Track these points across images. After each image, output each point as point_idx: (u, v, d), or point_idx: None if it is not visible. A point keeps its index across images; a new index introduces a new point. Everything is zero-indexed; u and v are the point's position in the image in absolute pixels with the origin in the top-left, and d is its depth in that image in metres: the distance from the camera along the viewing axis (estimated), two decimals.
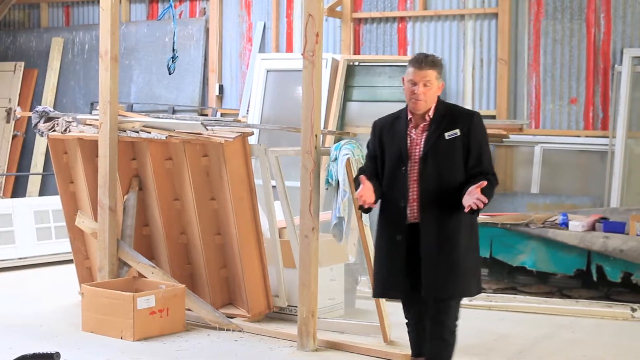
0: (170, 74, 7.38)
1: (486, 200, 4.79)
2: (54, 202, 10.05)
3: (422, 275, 5.07)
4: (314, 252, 6.55)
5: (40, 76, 13.87)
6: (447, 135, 5.04)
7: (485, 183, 4.79)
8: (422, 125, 5.13)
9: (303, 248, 6.59)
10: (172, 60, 7.22)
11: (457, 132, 5.03)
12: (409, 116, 5.17)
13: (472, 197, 4.80)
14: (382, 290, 5.36)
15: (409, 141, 5.12)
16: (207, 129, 7.28)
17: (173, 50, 7.23)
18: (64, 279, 9.14)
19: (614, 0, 10.10)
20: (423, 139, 5.09)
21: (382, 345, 6.69)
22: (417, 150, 5.09)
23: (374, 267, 5.42)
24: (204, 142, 7.26)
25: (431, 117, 5.11)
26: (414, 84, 5.07)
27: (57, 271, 9.87)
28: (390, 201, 5.17)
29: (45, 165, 13.34)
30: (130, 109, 12.51)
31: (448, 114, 5.12)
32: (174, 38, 7.28)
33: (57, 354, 5.64)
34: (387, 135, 5.22)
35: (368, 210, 5.23)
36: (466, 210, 4.82)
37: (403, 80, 5.18)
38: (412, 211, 5.09)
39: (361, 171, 5.32)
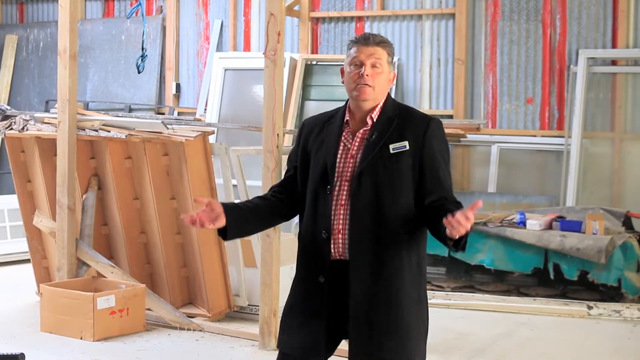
0: (139, 72, 7.33)
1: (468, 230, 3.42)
2: (9, 202, 9.94)
3: (350, 333, 3.72)
4: (275, 251, 6.55)
5: None
6: (392, 147, 3.68)
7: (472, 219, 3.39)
8: (361, 131, 3.74)
9: (265, 247, 6.58)
10: (142, 59, 7.18)
11: (406, 145, 3.68)
12: (347, 117, 3.79)
13: (464, 221, 3.37)
14: (290, 344, 3.85)
15: (340, 151, 3.74)
16: (167, 128, 7.25)
17: (142, 48, 7.19)
18: (20, 279, 9.04)
19: (569, 2, 10.21)
20: (360, 151, 3.71)
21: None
22: (350, 165, 3.71)
23: (285, 310, 3.93)
24: (164, 141, 7.23)
25: (375, 120, 3.74)
26: (360, 64, 3.71)
27: (13, 271, 9.75)
28: (310, 231, 3.79)
29: None
30: (86, 107, 12.38)
31: (397, 118, 3.75)
32: (143, 37, 7.26)
33: (22, 355, 5.57)
34: (315, 140, 3.84)
35: (223, 235, 3.79)
36: (456, 234, 3.40)
37: (342, 71, 3.83)
38: (337, 245, 3.71)
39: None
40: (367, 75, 3.69)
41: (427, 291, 3.90)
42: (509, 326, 7.61)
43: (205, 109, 11.53)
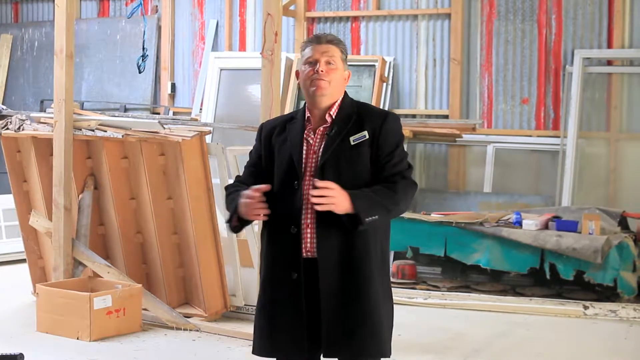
0: (140, 72, 7.31)
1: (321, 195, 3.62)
2: (4, 201, 9.92)
3: (322, 328, 3.73)
4: None
5: None
6: (352, 139, 3.80)
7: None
8: (321, 127, 3.86)
9: None
10: (142, 59, 7.17)
11: (365, 135, 3.81)
12: (307, 115, 3.90)
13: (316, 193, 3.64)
14: (265, 349, 3.86)
15: (305, 148, 3.84)
16: (164, 128, 7.23)
17: (143, 48, 7.17)
18: (16, 280, 9.01)
19: (565, 2, 10.23)
20: (322, 145, 3.82)
21: None
22: (313, 160, 3.81)
23: (256, 315, 3.94)
24: (161, 140, 7.21)
25: (333, 117, 3.85)
26: (314, 62, 3.83)
27: (8, 271, 9.73)
28: (279, 227, 3.81)
29: None
30: (81, 107, 12.37)
31: (355, 114, 3.87)
32: (143, 36, 7.24)
33: (21, 355, 5.56)
34: (277, 139, 3.93)
35: (237, 228, 3.93)
36: (318, 207, 3.64)
37: (297, 73, 3.95)
38: (306, 240, 3.76)
39: (231, 187, 4.02)
40: (321, 71, 3.80)
41: (423, 291, 3.96)
42: (505, 326, 7.61)
43: (201, 109, 11.53)
